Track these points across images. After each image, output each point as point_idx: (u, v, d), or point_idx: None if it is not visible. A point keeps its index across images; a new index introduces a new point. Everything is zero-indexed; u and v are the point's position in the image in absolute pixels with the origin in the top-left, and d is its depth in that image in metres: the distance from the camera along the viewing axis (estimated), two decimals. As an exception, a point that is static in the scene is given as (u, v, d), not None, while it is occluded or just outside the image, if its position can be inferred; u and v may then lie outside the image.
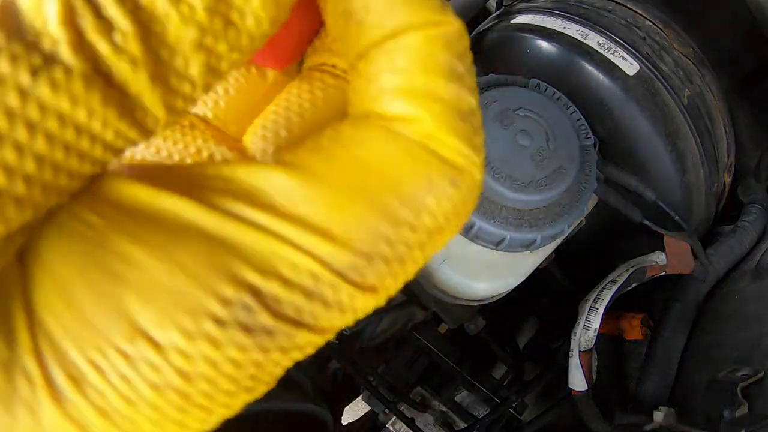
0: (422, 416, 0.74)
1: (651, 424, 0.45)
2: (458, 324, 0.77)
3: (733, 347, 0.45)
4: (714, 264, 0.50)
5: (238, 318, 0.14)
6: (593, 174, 0.43)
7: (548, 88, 0.45)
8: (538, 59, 0.49)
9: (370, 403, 0.78)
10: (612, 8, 0.51)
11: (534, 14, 0.52)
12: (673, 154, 0.47)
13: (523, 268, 0.51)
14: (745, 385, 0.40)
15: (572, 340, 0.50)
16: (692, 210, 0.50)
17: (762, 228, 0.52)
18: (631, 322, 0.55)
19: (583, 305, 0.50)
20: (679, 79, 0.48)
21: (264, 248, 0.14)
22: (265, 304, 0.14)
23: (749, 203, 0.54)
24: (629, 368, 0.56)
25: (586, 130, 0.44)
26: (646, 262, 0.50)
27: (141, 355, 0.13)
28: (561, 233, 0.42)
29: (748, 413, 0.39)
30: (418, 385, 0.78)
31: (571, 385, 0.50)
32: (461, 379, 0.77)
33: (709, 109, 0.50)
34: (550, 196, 0.40)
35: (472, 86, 0.15)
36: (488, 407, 0.74)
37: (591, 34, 0.48)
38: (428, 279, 0.56)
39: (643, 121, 0.46)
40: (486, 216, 0.40)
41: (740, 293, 0.49)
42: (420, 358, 0.82)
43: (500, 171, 0.40)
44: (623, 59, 0.47)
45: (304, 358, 0.16)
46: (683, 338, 0.50)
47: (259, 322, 0.14)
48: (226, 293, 0.14)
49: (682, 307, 0.51)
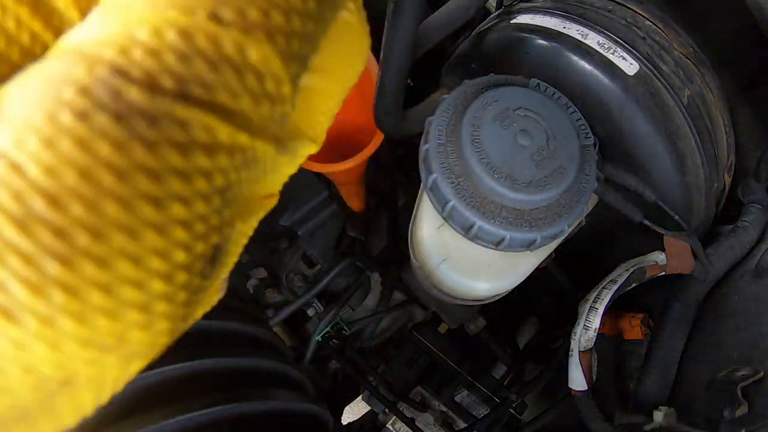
0: (422, 416, 0.74)
1: (651, 424, 0.45)
2: (458, 324, 0.77)
3: (732, 347, 0.45)
4: (714, 264, 0.50)
5: (100, 101, 0.11)
6: (593, 174, 0.43)
7: (548, 88, 0.45)
8: (538, 59, 0.49)
9: (370, 403, 0.78)
10: (612, 8, 0.51)
11: (534, 14, 0.52)
12: (673, 154, 0.47)
13: (523, 268, 0.51)
14: (745, 385, 0.40)
15: (572, 340, 0.50)
16: (692, 210, 0.50)
17: (762, 228, 0.52)
18: (631, 322, 0.55)
19: (583, 305, 0.50)
20: (679, 79, 0.48)
21: (118, 25, 0.12)
22: (131, 78, 0.11)
23: (749, 203, 0.54)
24: (629, 368, 0.56)
25: (586, 130, 0.44)
26: (646, 262, 0.50)
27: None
28: (561, 233, 0.42)
29: (748, 413, 0.39)
30: (418, 385, 0.78)
31: (571, 385, 0.50)
32: (461, 379, 0.77)
33: (709, 109, 0.50)
34: (550, 196, 0.40)
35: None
36: (488, 407, 0.74)
37: (591, 34, 0.48)
38: (428, 279, 0.56)
39: (643, 121, 0.46)
40: (486, 216, 0.40)
41: (740, 293, 0.49)
42: (420, 358, 0.82)
43: (500, 171, 0.40)
44: (623, 59, 0.47)
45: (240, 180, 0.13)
46: (683, 338, 0.50)
47: (129, 100, 0.11)
48: (81, 79, 0.11)
49: (682, 307, 0.51)
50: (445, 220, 0.42)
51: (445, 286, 0.54)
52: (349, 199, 0.83)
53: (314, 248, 0.87)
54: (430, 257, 0.51)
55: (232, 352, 0.48)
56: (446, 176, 0.41)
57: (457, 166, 0.41)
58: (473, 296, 0.55)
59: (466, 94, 0.44)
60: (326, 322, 0.82)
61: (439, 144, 0.42)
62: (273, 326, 0.82)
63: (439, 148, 0.41)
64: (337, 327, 0.84)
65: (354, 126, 0.69)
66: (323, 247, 0.87)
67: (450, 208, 0.41)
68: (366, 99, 0.52)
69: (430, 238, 0.50)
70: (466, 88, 0.45)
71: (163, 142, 0.11)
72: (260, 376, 0.50)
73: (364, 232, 0.89)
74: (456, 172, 0.41)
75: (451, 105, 0.43)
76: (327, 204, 0.85)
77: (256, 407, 0.44)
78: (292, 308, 0.81)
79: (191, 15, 0.12)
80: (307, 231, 0.85)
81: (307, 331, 0.88)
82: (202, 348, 0.46)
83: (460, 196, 0.40)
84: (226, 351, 0.48)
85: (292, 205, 0.83)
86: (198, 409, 0.41)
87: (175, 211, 0.12)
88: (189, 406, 0.41)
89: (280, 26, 0.13)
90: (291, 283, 0.87)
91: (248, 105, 0.13)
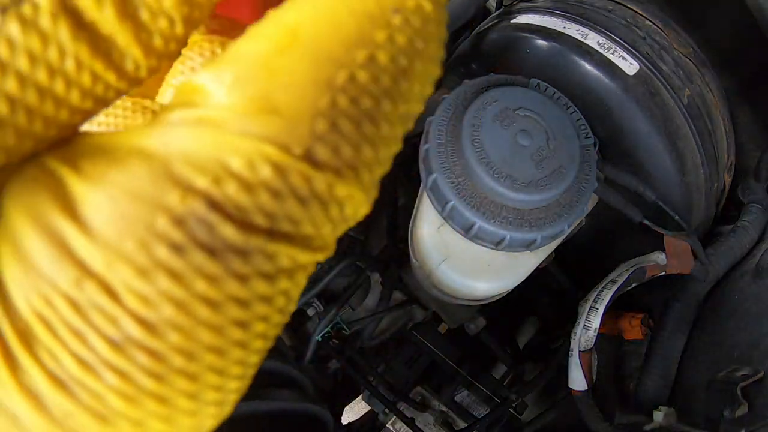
0: (422, 416, 0.74)
1: (651, 424, 0.45)
2: (458, 324, 0.77)
3: (733, 347, 0.45)
4: (714, 264, 0.50)
5: (196, 237, 0.11)
6: (593, 174, 0.43)
7: (548, 88, 0.45)
8: (538, 59, 0.49)
9: (370, 403, 0.78)
10: (612, 8, 0.51)
11: (534, 14, 0.52)
12: (673, 154, 0.47)
13: (523, 268, 0.51)
14: (745, 385, 0.40)
15: (572, 339, 0.50)
16: (692, 210, 0.50)
17: (762, 228, 0.52)
18: (631, 322, 0.55)
19: (583, 305, 0.50)
20: (679, 79, 0.48)
21: (209, 146, 0.12)
22: (226, 213, 0.11)
23: (749, 203, 0.53)
24: (629, 368, 0.56)
25: (586, 130, 0.44)
26: (646, 262, 0.50)
27: (91, 300, 0.11)
28: (561, 233, 0.42)
29: (748, 413, 0.39)
30: (418, 385, 0.78)
31: (571, 385, 0.50)
32: (461, 379, 0.77)
33: (709, 109, 0.50)
34: (550, 196, 0.40)
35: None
36: (488, 407, 0.74)
37: (591, 33, 0.48)
38: (428, 279, 0.56)
39: (643, 121, 0.46)
40: (486, 216, 0.40)
41: (740, 293, 0.49)
42: (420, 358, 0.82)
43: (500, 171, 0.40)
44: (623, 59, 0.47)
45: (299, 291, 0.14)
46: (683, 338, 0.50)
47: (224, 237, 0.11)
48: (174, 208, 0.11)
49: (682, 307, 0.51)
50: (445, 220, 0.42)
51: (445, 286, 0.54)
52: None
53: (314, 248, 0.86)
54: (430, 257, 0.51)
55: (232, 352, 0.48)
56: (446, 176, 0.41)
57: (457, 166, 0.41)
58: (473, 296, 0.55)
59: (466, 94, 0.44)
60: (326, 321, 0.81)
61: (439, 144, 0.42)
62: (273, 326, 0.81)
63: (439, 148, 0.41)
64: (337, 327, 0.84)
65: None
66: (323, 247, 0.87)
67: (450, 208, 0.41)
68: None
69: (430, 238, 0.50)
70: (466, 88, 0.45)
71: (253, 275, 0.12)
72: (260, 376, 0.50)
73: (364, 232, 0.89)
74: (456, 172, 0.41)
75: (451, 105, 0.43)
76: (327, 204, 0.85)
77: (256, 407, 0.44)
78: (292, 308, 0.81)
79: (287, 152, 0.12)
80: (307, 231, 0.85)
81: (307, 330, 0.88)
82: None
83: (460, 196, 0.40)
84: (226, 351, 0.48)
85: (292, 205, 0.83)
86: (198, 409, 0.40)
87: (257, 328, 0.13)
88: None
89: (369, 160, 0.13)
90: (291, 282, 0.87)
91: (329, 231, 0.13)
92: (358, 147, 0.13)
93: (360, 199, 0.13)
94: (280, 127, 0.12)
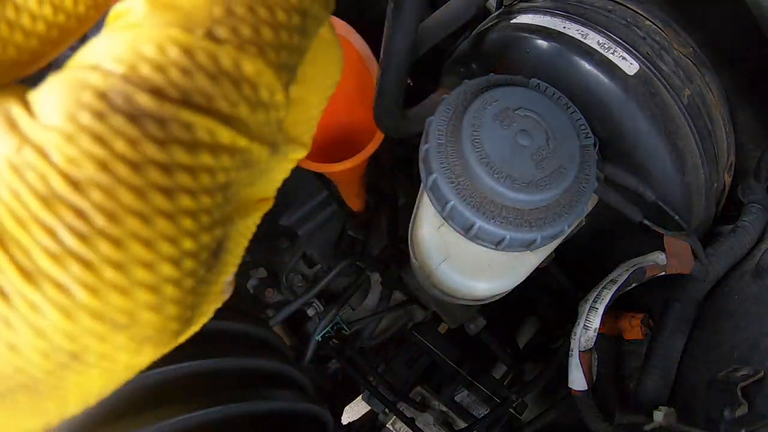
0: (422, 416, 0.74)
1: (651, 424, 0.45)
2: (458, 324, 0.77)
3: (733, 347, 0.45)
4: (714, 264, 0.50)
5: (114, 104, 0.13)
6: (593, 174, 0.43)
7: (548, 88, 0.45)
8: (538, 59, 0.49)
9: (370, 403, 0.78)
10: (612, 8, 0.51)
11: (534, 14, 0.52)
12: (673, 154, 0.47)
13: (523, 268, 0.51)
14: (745, 385, 0.40)
15: (572, 339, 0.50)
16: (692, 210, 0.50)
17: (762, 228, 0.52)
18: (631, 322, 0.55)
19: (583, 305, 0.50)
20: (679, 79, 0.48)
21: (128, 42, 0.13)
22: (141, 87, 0.13)
23: (749, 203, 0.53)
24: (629, 368, 0.56)
25: (586, 130, 0.44)
26: (646, 262, 0.50)
27: (26, 162, 0.13)
28: (561, 233, 0.42)
29: (748, 413, 0.39)
30: (418, 385, 0.78)
31: (571, 385, 0.50)
32: (461, 379, 0.77)
33: (709, 109, 0.50)
34: (550, 196, 0.40)
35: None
36: (488, 407, 0.74)
37: (591, 33, 0.48)
38: (428, 279, 0.56)
39: (643, 121, 0.46)
40: (486, 216, 0.40)
41: (740, 293, 0.49)
42: (420, 358, 0.82)
43: (500, 171, 0.40)
44: (623, 59, 0.47)
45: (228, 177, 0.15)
46: (683, 338, 0.50)
47: (139, 104, 0.13)
48: (97, 86, 0.13)
49: (682, 307, 0.51)
50: (445, 220, 0.42)
51: (445, 286, 0.54)
52: (349, 199, 0.83)
53: (314, 248, 0.87)
54: (430, 257, 0.51)
55: (232, 352, 0.48)
56: (446, 176, 0.41)
57: (457, 166, 0.41)
58: (473, 296, 0.55)
59: (466, 94, 0.44)
60: (326, 322, 0.81)
61: (439, 144, 0.42)
62: (273, 326, 0.82)
63: (439, 148, 0.41)
64: (337, 327, 0.84)
65: (354, 126, 0.69)
66: (323, 247, 0.87)
67: (450, 208, 0.41)
68: (366, 99, 0.52)
69: (430, 238, 0.50)
70: (466, 88, 0.45)
71: (171, 140, 0.13)
72: (260, 376, 0.50)
73: (364, 232, 0.89)
74: (456, 172, 0.41)
75: (451, 105, 0.43)
76: (327, 204, 0.85)
77: (256, 407, 0.44)
78: (292, 308, 0.81)
79: (191, 33, 0.14)
80: (307, 231, 0.85)
81: (307, 330, 0.88)
82: (202, 348, 0.46)
83: (460, 196, 0.40)
84: (226, 351, 0.48)
85: (292, 205, 0.83)
86: (198, 409, 0.41)
87: (183, 202, 0.14)
88: (189, 405, 0.41)
89: (270, 41, 0.15)
90: (291, 282, 0.87)
91: (246, 112, 0.14)
92: (256, 28, 0.14)
93: (271, 80, 0.15)
94: (183, 15, 0.14)
